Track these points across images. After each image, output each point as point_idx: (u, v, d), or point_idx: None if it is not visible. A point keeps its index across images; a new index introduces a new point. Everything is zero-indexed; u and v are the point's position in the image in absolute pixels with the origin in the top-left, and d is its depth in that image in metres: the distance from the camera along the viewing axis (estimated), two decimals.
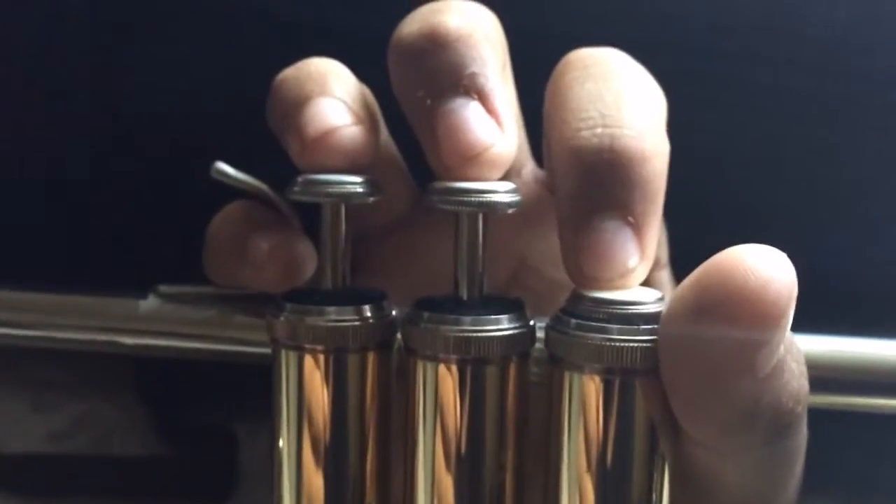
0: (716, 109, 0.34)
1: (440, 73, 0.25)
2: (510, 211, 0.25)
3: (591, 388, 0.23)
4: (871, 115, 0.34)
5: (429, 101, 0.25)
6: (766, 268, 0.21)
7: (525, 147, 0.29)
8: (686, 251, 0.25)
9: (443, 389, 0.24)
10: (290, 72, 0.27)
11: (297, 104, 0.26)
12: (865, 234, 0.35)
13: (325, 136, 0.25)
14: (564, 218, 0.24)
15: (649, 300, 0.23)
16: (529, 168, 0.29)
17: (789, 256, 0.22)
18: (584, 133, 0.24)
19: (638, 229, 0.24)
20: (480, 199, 0.24)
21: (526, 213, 0.28)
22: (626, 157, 0.24)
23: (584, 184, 0.24)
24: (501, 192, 0.24)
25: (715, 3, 0.34)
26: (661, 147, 0.25)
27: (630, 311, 0.23)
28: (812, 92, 0.34)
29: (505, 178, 0.25)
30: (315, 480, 0.25)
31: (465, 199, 0.24)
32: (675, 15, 0.34)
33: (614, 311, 0.23)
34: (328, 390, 0.25)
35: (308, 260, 0.27)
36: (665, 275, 0.30)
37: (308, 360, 0.25)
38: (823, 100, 0.34)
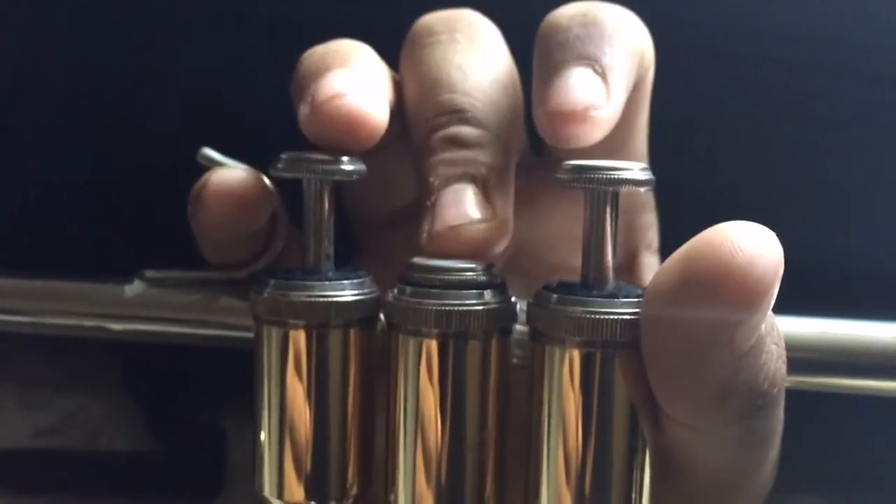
0: (715, 109, 0.35)
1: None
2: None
3: (572, 361, 0.23)
4: (871, 115, 0.35)
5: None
6: (753, 244, 0.21)
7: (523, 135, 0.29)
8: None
9: (424, 364, 0.24)
10: (318, 47, 0.27)
11: (315, 74, 0.26)
12: (865, 232, 0.35)
13: (332, 100, 0.25)
14: (537, 78, 0.25)
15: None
16: (527, 154, 0.29)
17: (785, 249, 0.22)
18: (565, 9, 0.26)
19: (604, 77, 0.25)
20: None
21: (523, 199, 0.28)
22: (601, 20, 0.25)
23: (557, 41, 0.25)
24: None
25: (716, 5, 0.34)
26: (636, 37, 0.26)
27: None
28: (812, 92, 0.34)
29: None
30: (297, 455, 0.25)
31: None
32: (676, 16, 0.34)
33: None
34: (310, 366, 0.25)
35: (268, 206, 0.27)
36: (655, 261, 0.30)
37: (290, 336, 0.25)
38: (823, 100, 0.34)
